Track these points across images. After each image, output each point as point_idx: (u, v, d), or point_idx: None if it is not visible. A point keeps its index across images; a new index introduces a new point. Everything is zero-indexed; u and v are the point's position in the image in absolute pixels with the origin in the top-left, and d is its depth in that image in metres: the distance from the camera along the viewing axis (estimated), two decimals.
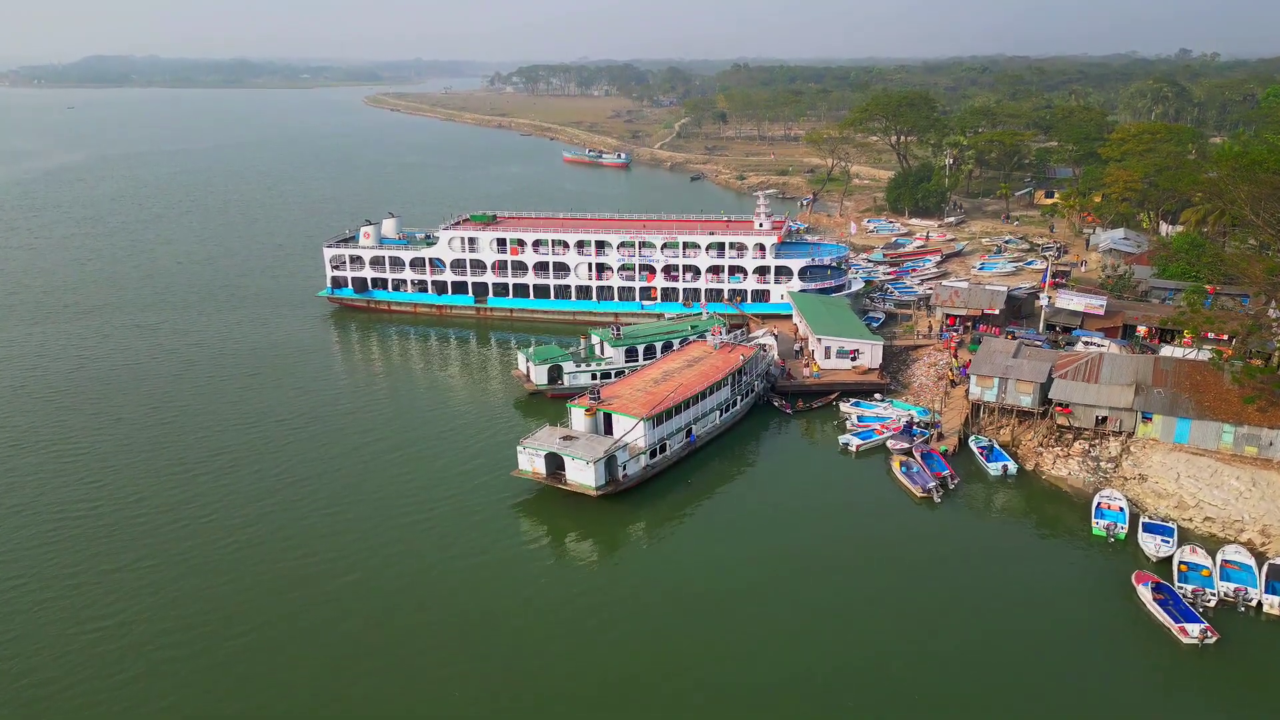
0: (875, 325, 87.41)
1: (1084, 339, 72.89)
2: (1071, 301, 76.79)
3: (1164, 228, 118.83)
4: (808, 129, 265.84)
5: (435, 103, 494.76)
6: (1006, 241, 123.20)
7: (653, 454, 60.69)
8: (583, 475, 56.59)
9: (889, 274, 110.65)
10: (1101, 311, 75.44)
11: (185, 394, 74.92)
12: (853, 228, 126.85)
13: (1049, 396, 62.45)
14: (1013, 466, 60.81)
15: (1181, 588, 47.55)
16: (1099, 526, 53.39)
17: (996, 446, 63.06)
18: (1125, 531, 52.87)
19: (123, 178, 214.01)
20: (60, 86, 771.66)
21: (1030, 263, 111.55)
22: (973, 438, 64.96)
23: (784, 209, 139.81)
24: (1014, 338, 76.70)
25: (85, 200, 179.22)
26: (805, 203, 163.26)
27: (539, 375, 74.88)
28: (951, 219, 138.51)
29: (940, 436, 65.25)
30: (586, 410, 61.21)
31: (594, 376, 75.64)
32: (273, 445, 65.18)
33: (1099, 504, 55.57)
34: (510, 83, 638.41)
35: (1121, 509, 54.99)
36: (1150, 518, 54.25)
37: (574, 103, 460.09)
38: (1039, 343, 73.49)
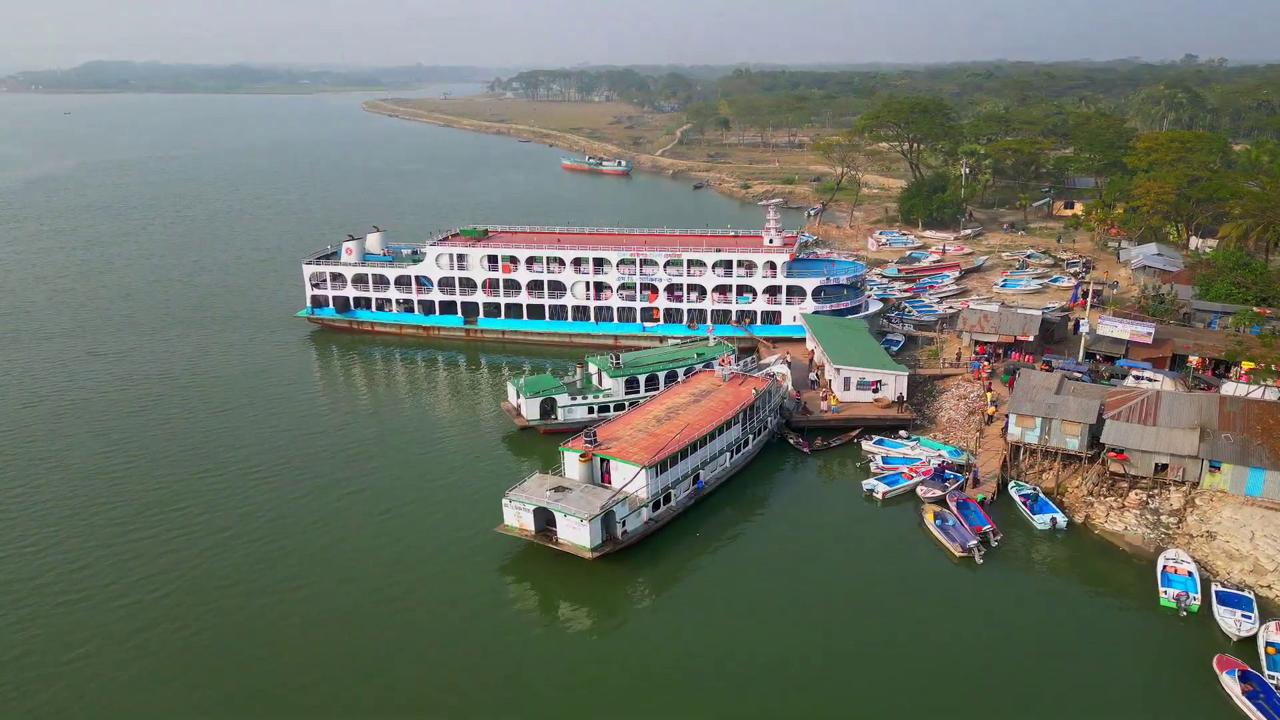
0: (894, 349, 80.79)
1: (1134, 372, 65.97)
2: (1116, 328, 69.95)
3: (1194, 242, 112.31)
4: (812, 135, 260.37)
5: (434, 108, 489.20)
6: (1029, 256, 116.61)
7: (656, 506, 53.94)
8: (576, 534, 49.81)
9: (905, 291, 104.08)
10: (1149, 340, 68.65)
11: (144, 436, 67.47)
12: (871, 244, 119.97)
13: (1100, 440, 55.71)
14: (1062, 519, 53.98)
15: (1273, 676, 40.80)
16: (1167, 596, 46.61)
17: (1041, 495, 56.26)
18: (1198, 603, 46.07)
19: (110, 186, 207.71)
20: (59, 92, 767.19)
21: (1056, 279, 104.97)
22: (1013, 484, 58.18)
23: (790, 219, 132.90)
24: (1049, 367, 70.06)
25: (67, 210, 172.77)
26: (812, 213, 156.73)
27: (530, 409, 68.17)
28: (968, 231, 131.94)
29: (976, 482, 58.49)
30: (581, 456, 54.46)
31: (591, 410, 69.02)
32: (236, 499, 57.75)
33: (1164, 567, 48.78)
34: (510, 88, 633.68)
35: (1191, 574, 48.20)
36: (1223, 585, 47.43)
37: (574, 108, 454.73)
38: (1080, 374, 66.76)
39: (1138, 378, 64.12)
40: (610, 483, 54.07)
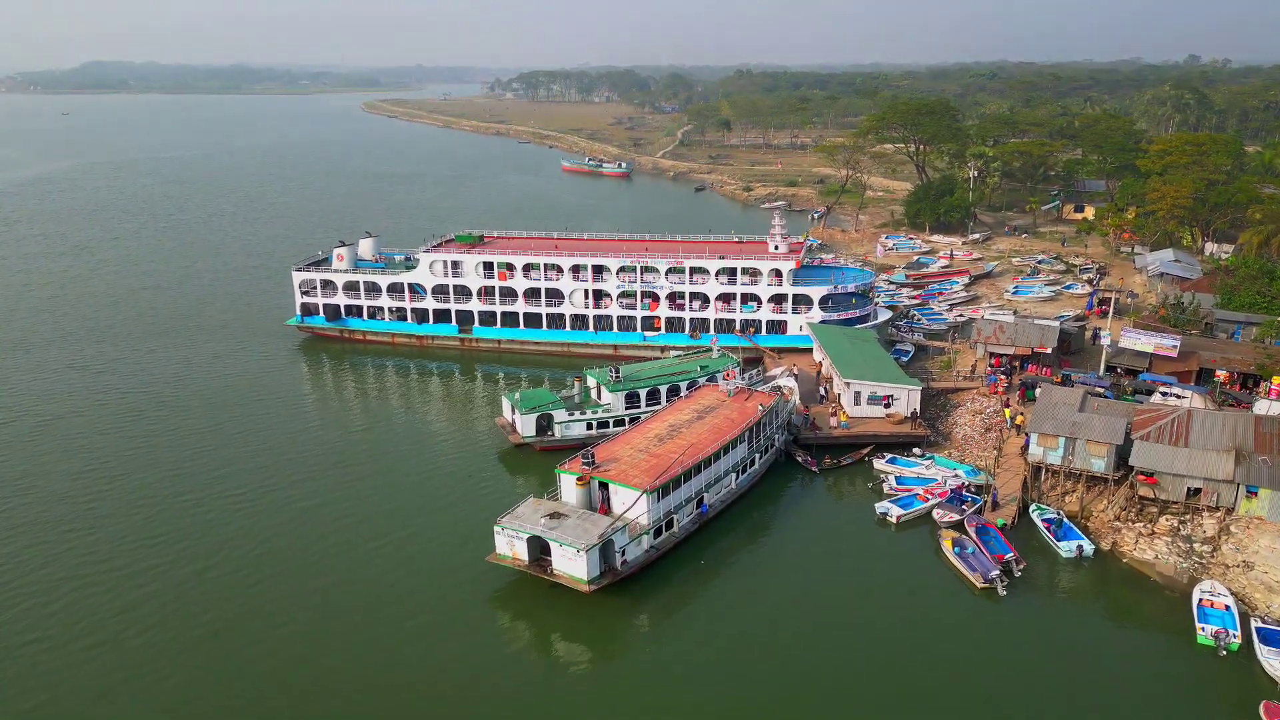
0: (904, 360, 77.70)
1: (1161, 387, 62.67)
2: (1139, 341, 66.84)
3: (1209, 247, 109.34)
4: (815, 136, 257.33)
5: (433, 109, 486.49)
6: (1040, 261, 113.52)
7: (657, 532, 50.86)
8: (572, 566, 46.70)
9: (913, 298, 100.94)
10: (1174, 353, 65.52)
11: (121, 458, 63.66)
12: (879, 251, 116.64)
13: (1129, 462, 52.61)
14: (1089, 547, 50.89)
15: None
16: (1205, 634, 43.52)
17: (1067, 521, 53.12)
18: (1239, 641, 42.99)
19: (103, 188, 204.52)
20: (58, 92, 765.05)
21: (1070, 286, 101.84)
22: (1035, 507, 55.10)
23: (794, 222, 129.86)
24: (1062, 380, 66.88)
25: (57, 214, 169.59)
26: (816, 216, 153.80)
27: (526, 425, 65.07)
28: (976, 236, 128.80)
29: (995, 505, 55.39)
30: (579, 478, 51.41)
31: (589, 426, 65.98)
32: (217, 528, 53.89)
33: (1200, 601, 45.73)
34: (510, 89, 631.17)
35: (1228, 608, 45.15)
36: (1264, 620, 44.36)
37: (575, 109, 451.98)
38: (1103, 390, 63.64)
39: (1165, 394, 60.89)
40: (609, 507, 51.07)
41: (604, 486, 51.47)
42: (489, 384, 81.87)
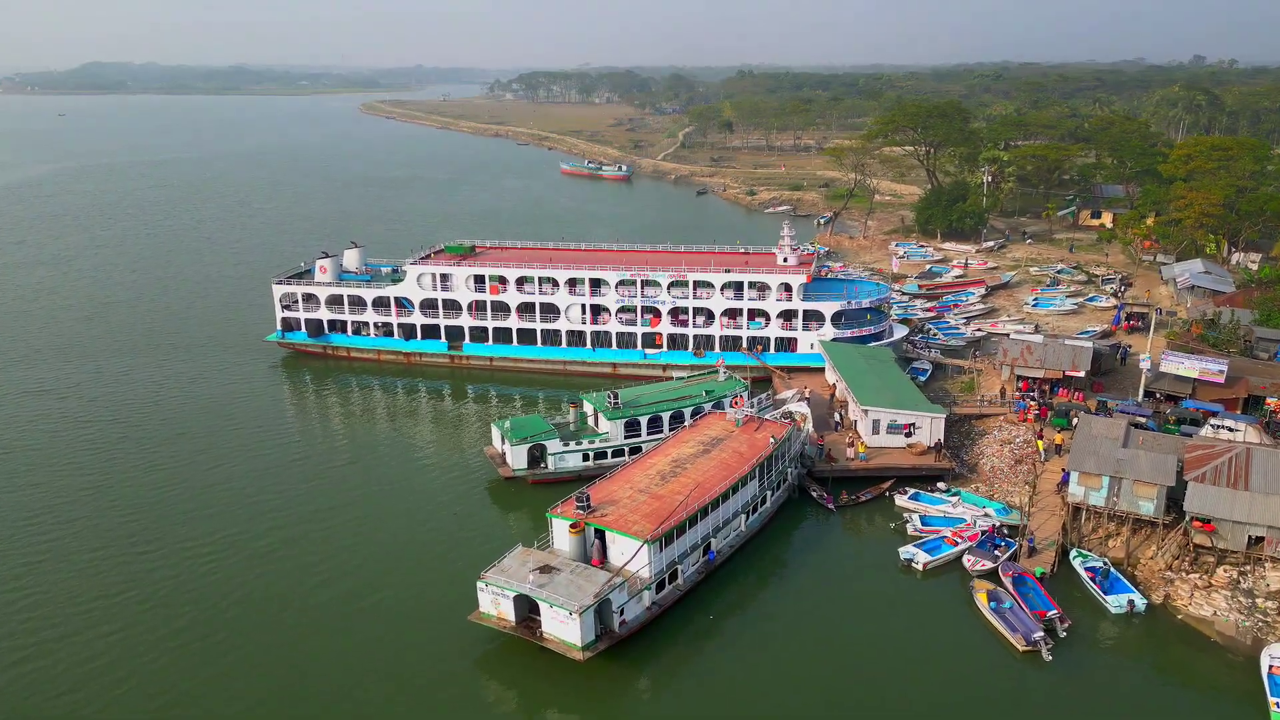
0: (921, 379, 72.70)
1: (1212, 418, 57.27)
2: (1182, 365, 61.71)
3: (1235, 256, 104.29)
4: (818, 139, 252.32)
5: (431, 110, 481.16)
6: (1059, 271, 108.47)
7: (660, 586, 45.77)
8: (565, 629, 41.55)
9: (928, 310, 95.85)
10: (1222, 379, 60.37)
11: (72, 499, 57.60)
12: (894, 263, 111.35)
13: (1184, 508, 47.46)
14: (1140, 602, 45.79)
15: None
16: None
17: (1114, 571, 47.98)
18: None
19: (91, 193, 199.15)
20: (55, 93, 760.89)
21: (1093, 299, 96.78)
22: (1076, 553, 49.97)
23: (800, 228, 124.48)
24: (1096, 407, 61.80)
25: (37, 220, 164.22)
26: (822, 221, 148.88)
27: (517, 457, 59.94)
28: (991, 243, 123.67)
29: (1032, 550, 50.29)
30: (572, 525, 46.35)
31: (585, 458, 60.94)
32: (178, 588, 48.27)
33: (1270, 668, 40.66)
34: (510, 90, 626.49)
35: None
36: None
37: (575, 110, 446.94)
38: (1144, 420, 58.48)
39: (1217, 426, 55.60)
40: (606, 557, 45.99)
41: (600, 534, 46.41)
42: (480, 405, 76.80)
